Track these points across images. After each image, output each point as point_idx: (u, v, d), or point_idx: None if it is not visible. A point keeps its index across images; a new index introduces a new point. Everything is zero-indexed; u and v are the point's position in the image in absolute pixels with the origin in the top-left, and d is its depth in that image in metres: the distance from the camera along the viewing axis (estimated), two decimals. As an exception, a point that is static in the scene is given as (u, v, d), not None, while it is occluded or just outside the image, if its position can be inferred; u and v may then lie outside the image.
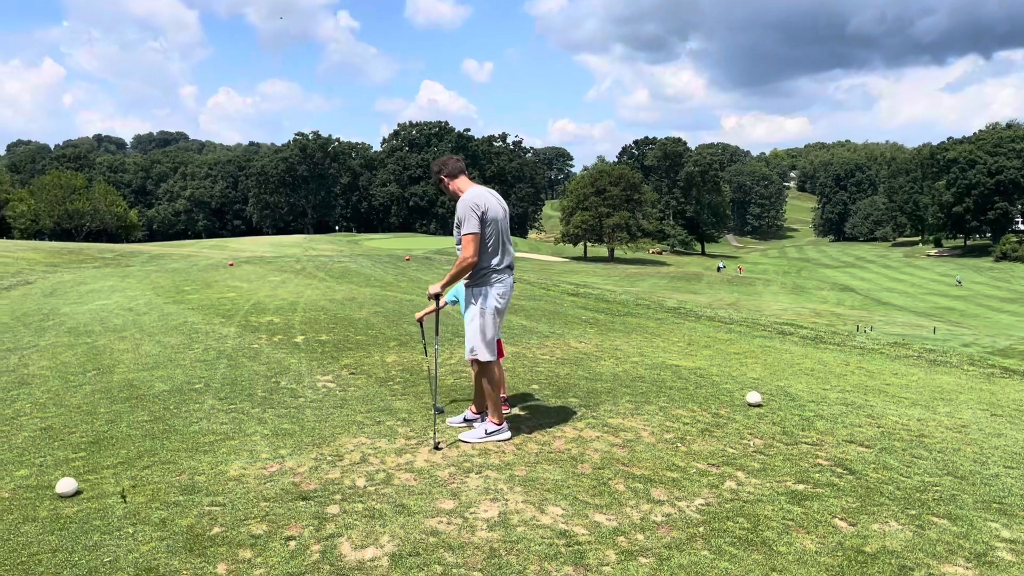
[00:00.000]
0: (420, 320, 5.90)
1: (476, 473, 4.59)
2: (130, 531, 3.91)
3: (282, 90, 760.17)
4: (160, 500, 4.29)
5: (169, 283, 17.31)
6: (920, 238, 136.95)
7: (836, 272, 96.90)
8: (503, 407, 6.01)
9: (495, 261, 5.15)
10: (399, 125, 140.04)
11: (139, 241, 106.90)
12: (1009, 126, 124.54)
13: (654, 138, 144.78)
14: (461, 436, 5.28)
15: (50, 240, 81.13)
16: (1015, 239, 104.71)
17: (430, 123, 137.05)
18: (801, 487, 4.38)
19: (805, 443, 5.15)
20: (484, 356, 5.16)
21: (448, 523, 3.90)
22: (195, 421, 5.88)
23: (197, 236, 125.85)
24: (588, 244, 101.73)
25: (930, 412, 6.27)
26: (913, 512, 4.08)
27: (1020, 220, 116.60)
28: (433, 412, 5.76)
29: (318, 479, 4.54)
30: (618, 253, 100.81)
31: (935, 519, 3.99)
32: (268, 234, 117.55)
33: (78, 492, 4.48)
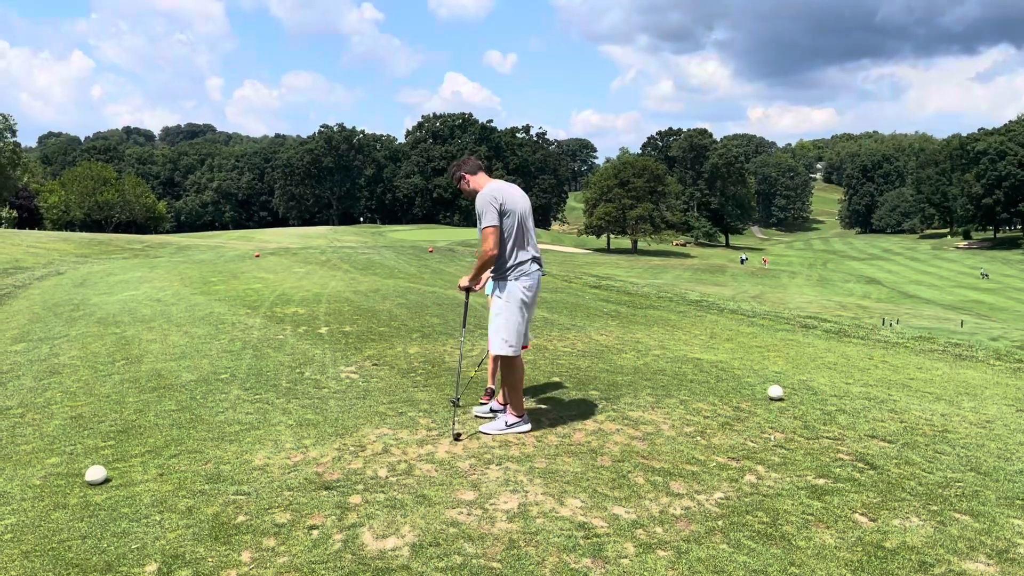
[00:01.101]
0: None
1: (496, 465, 4.63)
2: (157, 519, 4.00)
3: (307, 82, 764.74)
4: (187, 488, 4.38)
5: (196, 274, 17.54)
6: (949, 230, 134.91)
7: (862, 264, 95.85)
8: (484, 398, 6.06)
9: (518, 253, 5.17)
10: (423, 117, 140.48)
11: (167, 232, 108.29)
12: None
13: (679, 129, 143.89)
14: (481, 428, 5.32)
15: (80, 231, 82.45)
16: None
17: (453, 115, 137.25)
18: (821, 481, 4.37)
19: (826, 437, 5.14)
20: (505, 350, 5.19)
21: (468, 514, 3.94)
22: (221, 411, 5.97)
23: (224, 227, 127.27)
24: (611, 236, 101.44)
25: (954, 407, 6.21)
26: (935, 508, 4.06)
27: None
28: (453, 403, 5.83)
29: (341, 469, 4.60)
30: (641, 245, 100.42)
31: (957, 515, 3.97)
32: (294, 225, 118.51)
33: (107, 480, 4.59)
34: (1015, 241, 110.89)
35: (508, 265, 5.17)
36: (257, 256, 23.63)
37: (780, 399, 5.99)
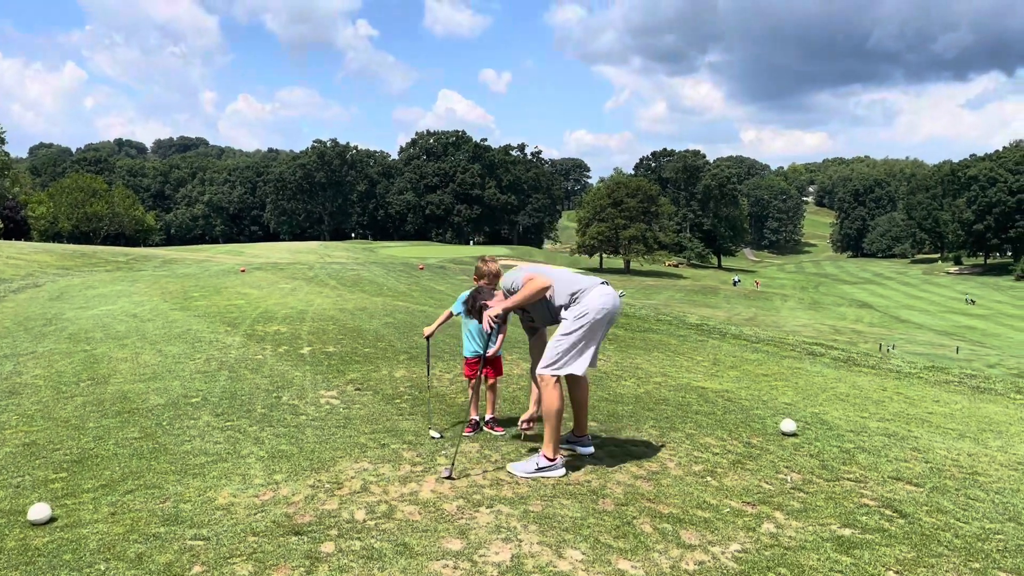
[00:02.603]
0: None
1: (487, 507, 4.17)
2: (102, 568, 3.52)
3: (301, 97, 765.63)
4: (139, 532, 3.90)
5: (178, 288, 17.03)
6: (940, 255, 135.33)
7: (854, 288, 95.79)
8: (467, 429, 5.58)
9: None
10: (416, 134, 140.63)
11: (156, 245, 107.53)
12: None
13: (672, 150, 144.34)
14: (510, 466, 4.79)
15: (68, 243, 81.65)
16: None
17: (447, 132, 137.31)
18: (847, 532, 3.92)
19: (848, 479, 4.70)
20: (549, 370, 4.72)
21: (455, 567, 3.48)
22: (188, 440, 5.50)
23: (214, 241, 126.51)
24: (604, 255, 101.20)
25: (980, 446, 5.79)
26: (976, 565, 3.62)
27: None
28: (434, 436, 5.41)
29: (314, 510, 4.13)
30: (634, 265, 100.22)
31: (1002, 574, 3.54)
32: (285, 240, 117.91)
33: (52, 519, 4.10)
34: (1005, 267, 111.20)
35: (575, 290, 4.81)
36: (243, 271, 23.13)
37: (794, 434, 5.55)
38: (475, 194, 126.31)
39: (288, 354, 8.78)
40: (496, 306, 4.81)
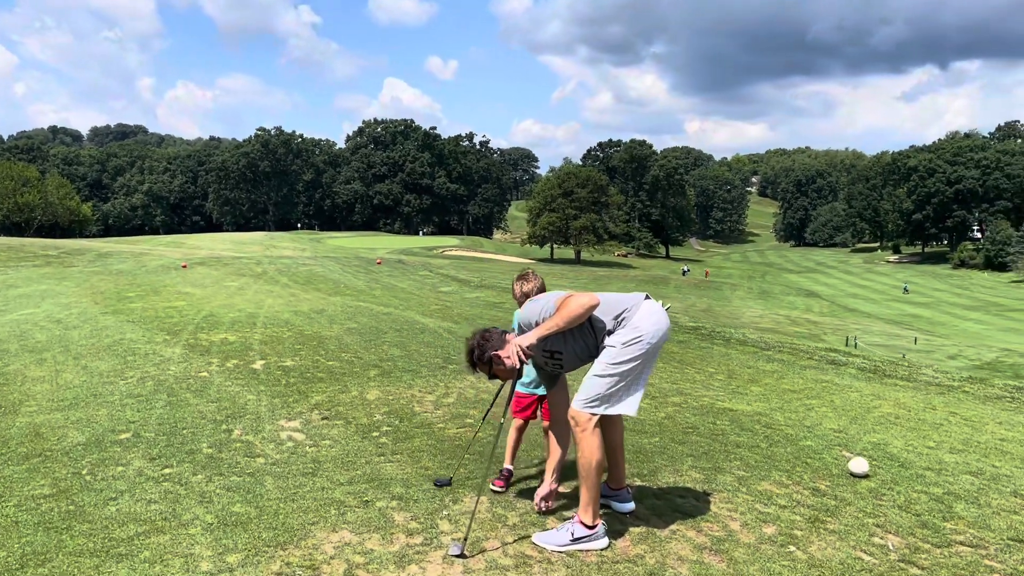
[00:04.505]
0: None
1: (518, 604, 3.12)
2: None
3: (243, 84, 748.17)
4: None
5: (111, 288, 15.49)
6: (879, 244, 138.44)
7: (799, 277, 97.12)
8: (497, 483, 4.48)
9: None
10: (364, 122, 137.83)
11: (93, 236, 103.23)
12: (968, 136, 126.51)
13: (619, 141, 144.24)
14: (536, 538, 3.71)
15: (-5, 234, 77.60)
16: (972, 247, 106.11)
17: (396, 121, 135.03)
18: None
19: (960, 543, 3.77)
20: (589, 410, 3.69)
21: None
22: (113, 497, 4.31)
23: (155, 232, 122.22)
24: (555, 246, 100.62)
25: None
26: None
27: (977, 229, 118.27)
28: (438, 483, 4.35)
29: (284, 617, 3.02)
30: (584, 255, 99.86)
31: None
32: (228, 231, 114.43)
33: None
34: (942, 256, 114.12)
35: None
36: (184, 267, 21.54)
37: (865, 476, 4.62)
38: (425, 184, 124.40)
39: (238, 370, 7.56)
40: (529, 335, 3.70)
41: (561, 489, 4.18)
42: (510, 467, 4.54)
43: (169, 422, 5.77)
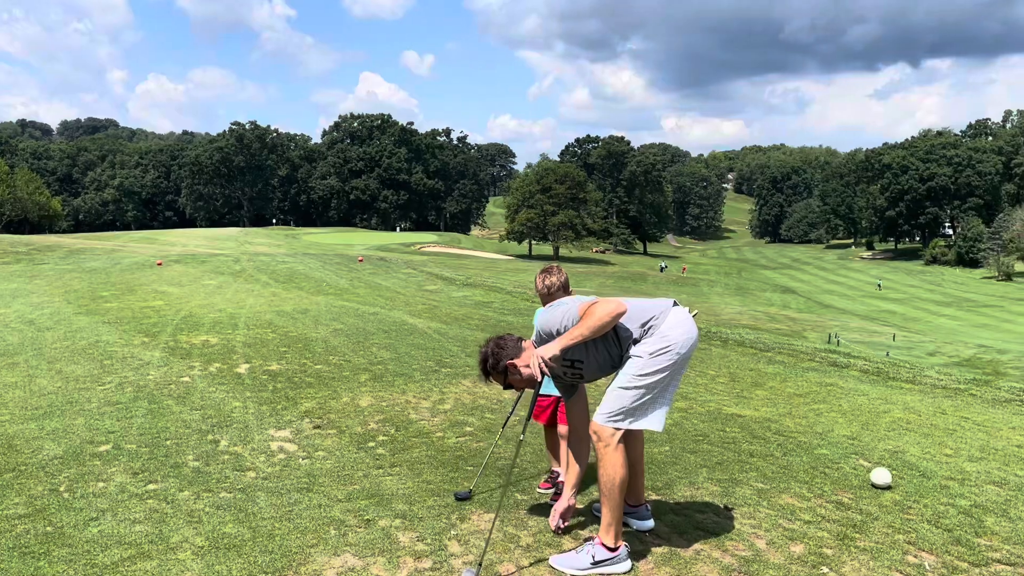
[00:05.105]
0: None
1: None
2: None
3: (216, 78, 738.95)
4: None
5: (84, 287, 15.03)
6: (853, 241, 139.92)
7: (775, 273, 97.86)
8: (544, 484, 4.34)
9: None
10: (340, 117, 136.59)
11: (63, 232, 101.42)
12: (940, 133, 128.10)
13: (597, 137, 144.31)
14: (554, 561, 3.46)
15: (-39, 230, 76.00)
16: (943, 244, 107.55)
17: (372, 115, 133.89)
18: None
19: (996, 560, 3.60)
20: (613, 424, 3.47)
21: None
22: (94, 517, 4.01)
23: (126, 227, 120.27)
24: (533, 242, 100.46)
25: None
26: None
27: (949, 225, 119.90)
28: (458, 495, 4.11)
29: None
30: (563, 252, 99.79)
31: None
32: (202, 227, 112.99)
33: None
34: (915, 252, 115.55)
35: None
36: (159, 264, 21.04)
37: (888, 487, 4.44)
38: (402, 179, 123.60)
39: (222, 375, 7.26)
40: (552, 345, 3.46)
41: (578, 505, 3.95)
42: (557, 468, 4.32)
43: (151, 432, 5.47)
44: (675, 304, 3.59)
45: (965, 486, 4.58)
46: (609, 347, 3.50)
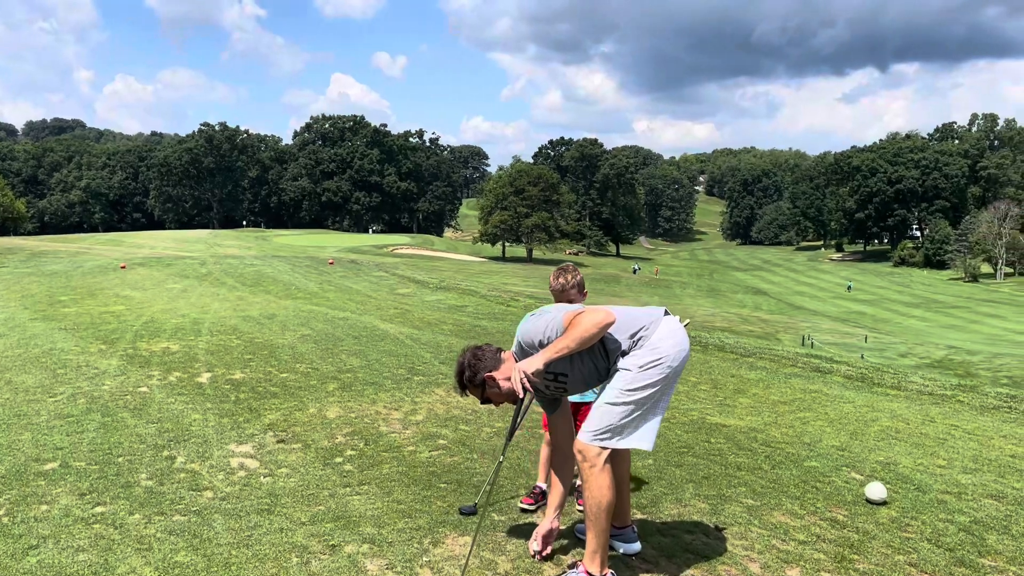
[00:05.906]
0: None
1: None
2: None
3: (185, 78, 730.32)
4: None
5: (43, 291, 14.50)
6: (822, 243, 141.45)
7: (746, 275, 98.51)
8: (526, 500, 4.10)
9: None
10: (311, 118, 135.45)
11: (28, 234, 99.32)
12: (908, 136, 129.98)
13: (570, 139, 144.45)
14: None
15: (-80, 232, 74.14)
16: (911, 245, 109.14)
17: (344, 116, 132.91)
18: None
19: (1001, 584, 3.40)
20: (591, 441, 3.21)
21: None
22: (34, 545, 3.68)
23: (93, 229, 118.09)
24: (506, 244, 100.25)
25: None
26: None
27: (917, 227, 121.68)
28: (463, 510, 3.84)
29: None
30: (536, 253, 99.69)
31: None
32: (171, 228, 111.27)
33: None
34: (884, 254, 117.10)
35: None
36: (123, 267, 20.47)
37: (884, 503, 4.24)
38: (374, 181, 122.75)
39: (182, 385, 6.91)
40: (535, 358, 3.20)
41: (560, 527, 3.69)
42: (543, 485, 4.10)
43: (103, 448, 5.13)
44: (666, 313, 3.35)
45: (963, 500, 4.39)
46: (596, 359, 3.26)
